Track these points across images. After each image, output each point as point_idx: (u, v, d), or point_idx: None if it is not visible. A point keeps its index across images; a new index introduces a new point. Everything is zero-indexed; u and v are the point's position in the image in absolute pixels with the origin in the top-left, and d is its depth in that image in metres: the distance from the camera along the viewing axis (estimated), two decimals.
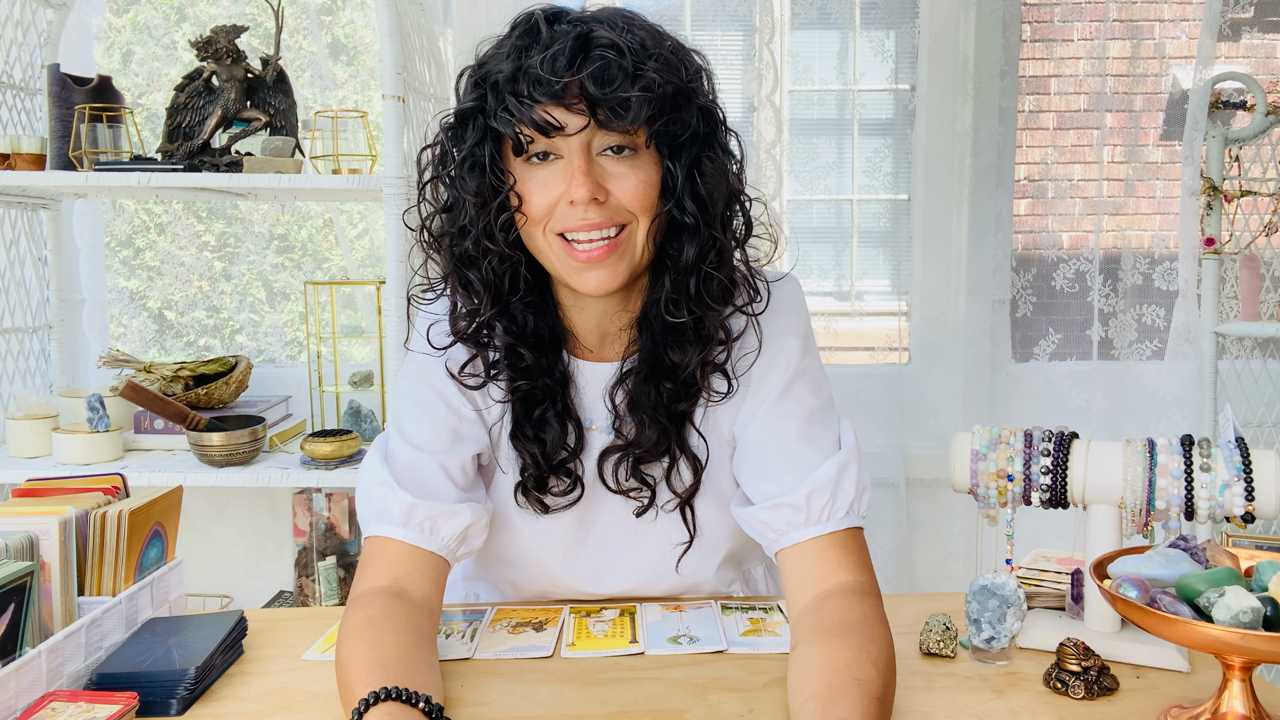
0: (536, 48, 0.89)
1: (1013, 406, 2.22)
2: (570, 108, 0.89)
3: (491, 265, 0.97)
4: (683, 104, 0.93)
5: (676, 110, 0.92)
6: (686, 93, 0.93)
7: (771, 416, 1.01)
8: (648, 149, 0.93)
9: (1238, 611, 0.75)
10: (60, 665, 0.87)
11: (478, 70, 0.94)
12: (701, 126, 0.95)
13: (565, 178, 0.91)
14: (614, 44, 0.88)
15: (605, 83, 0.87)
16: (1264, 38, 2.21)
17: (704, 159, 0.95)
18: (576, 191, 0.90)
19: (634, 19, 0.94)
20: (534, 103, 0.88)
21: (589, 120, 0.89)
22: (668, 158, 0.94)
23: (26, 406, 1.87)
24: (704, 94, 0.96)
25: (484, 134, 0.93)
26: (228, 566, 2.22)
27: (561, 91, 0.88)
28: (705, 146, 0.95)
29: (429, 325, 1.04)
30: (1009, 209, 2.19)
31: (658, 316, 0.99)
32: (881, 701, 0.79)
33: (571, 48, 0.88)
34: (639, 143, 0.92)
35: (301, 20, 2.21)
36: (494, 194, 0.93)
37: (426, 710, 0.78)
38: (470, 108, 0.93)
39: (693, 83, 0.94)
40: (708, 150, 0.95)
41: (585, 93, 0.88)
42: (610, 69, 0.87)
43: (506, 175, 0.93)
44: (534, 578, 1.13)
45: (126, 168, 1.70)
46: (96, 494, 1.02)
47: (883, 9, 2.12)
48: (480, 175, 0.93)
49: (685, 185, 0.94)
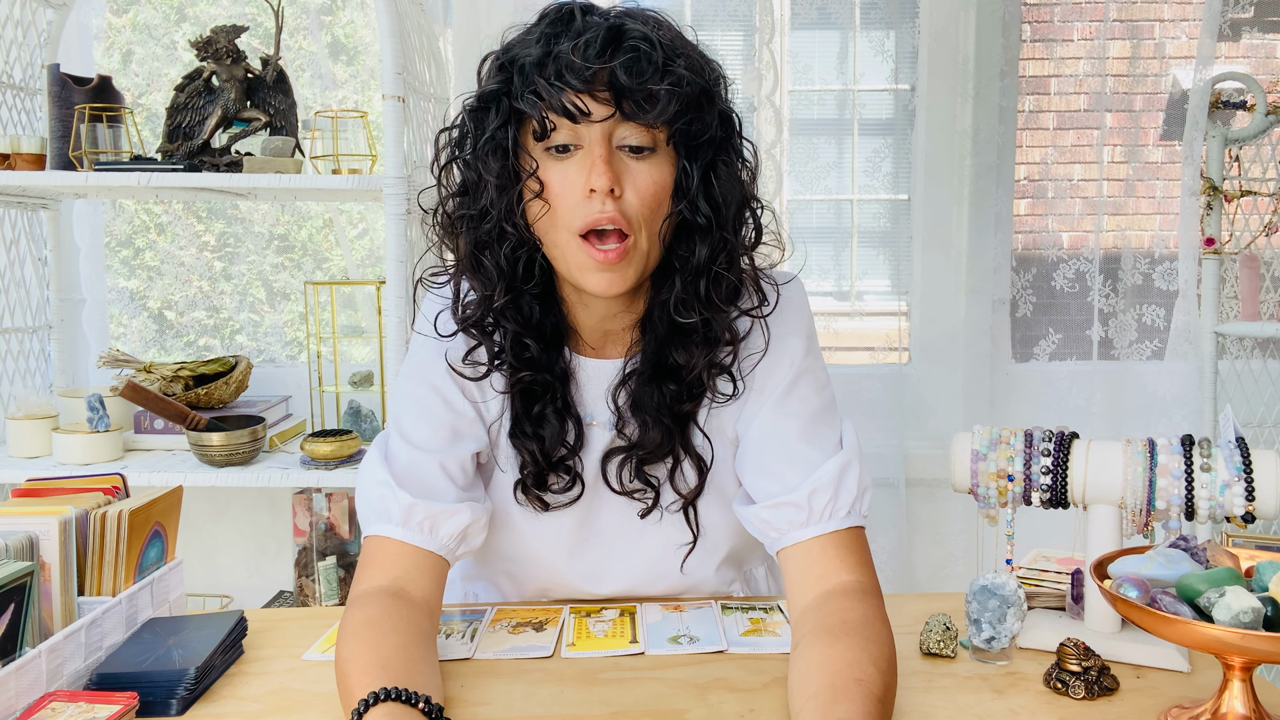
0: (568, 35, 0.90)
1: (1013, 406, 2.22)
2: (597, 96, 0.89)
3: (507, 251, 0.97)
4: (705, 105, 0.93)
5: (699, 110, 0.93)
6: (710, 94, 0.94)
7: (775, 415, 1.01)
8: (666, 147, 0.93)
9: (1238, 611, 0.75)
10: (60, 665, 0.87)
11: (504, 54, 0.94)
12: (720, 130, 0.95)
13: (585, 167, 0.91)
14: (646, 37, 0.89)
15: (636, 74, 0.88)
16: (1264, 38, 2.21)
17: (719, 162, 0.95)
18: (597, 180, 0.90)
19: (662, 19, 0.95)
20: (563, 87, 0.88)
21: (614, 110, 0.89)
22: (684, 157, 0.94)
23: (26, 406, 1.86)
24: (724, 99, 0.97)
25: (508, 117, 0.93)
26: (228, 566, 2.22)
27: (590, 79, 0.88)
28: (722, 150, 0.96)
29: (437, 311, 1.03)
30: (1009, 209, 2.19)
31: (663, 317, 0.99)
32: (882, 702, 0.79)
33: (604, 37, 0.89)
34: (659, 140, 0.92)
35: (301, 20, 2.21)
36: (515, 178, 0.94)
37: (426, 710, 0.78)
38: (494, 89, 0.93)
39: (715, 86, 0.95)
40: (724, 154, 0.96)
41: (614, 82, 0.88)
42: (641, 61, 0.88)
43: (527, 159, 0.94)
44: (534, 575, 1.13)
45: (126, 168, 1.70)
46: (96, 494, 1.02)
47: (883, 9, 2.12)
48: (503, 158, 0.93)
49: (700, 187, 0.94)
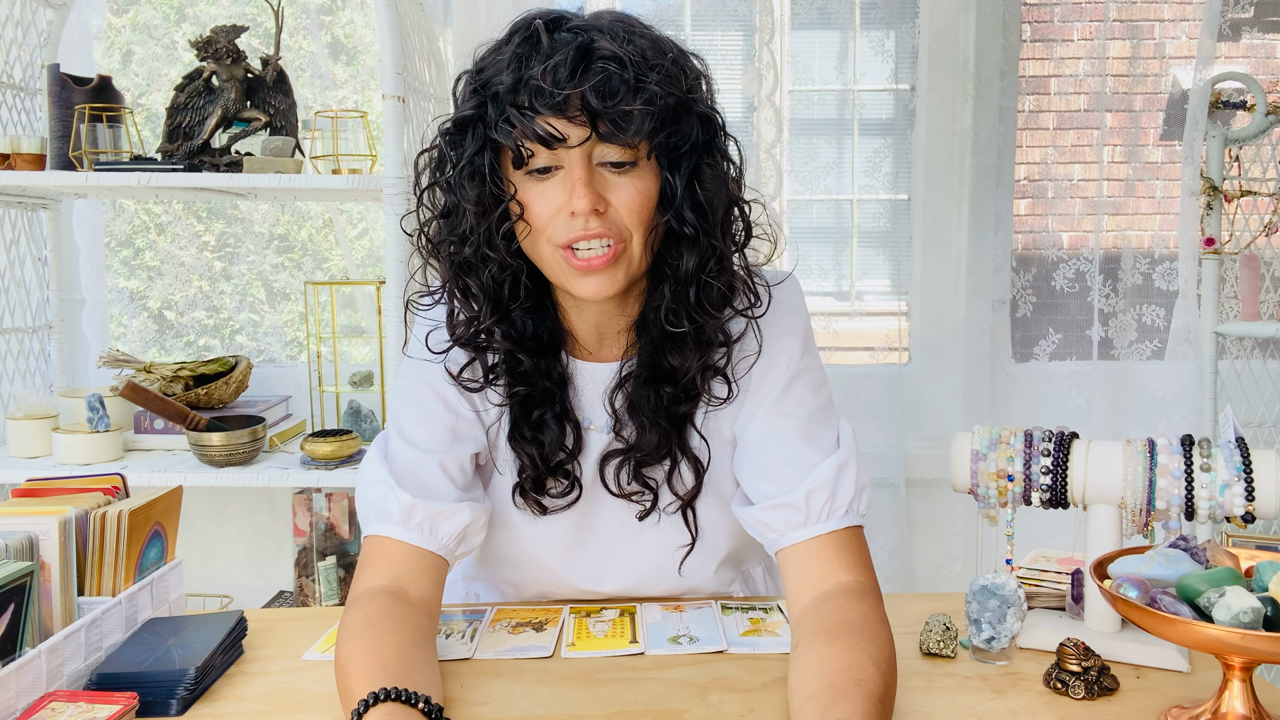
0: (537, 57, 0.88)
1: (1013, 406, 2.22)
2: (572, 119, 0.88)
3: (491, 273, 0.96)
4: (683, 116, 0.92)
5: (677, 122, 0.91)
6: (687, 104, 0.92)
7: (772, 416, 1.01)
8: (648, 160, 0.92)
9: (1238, 611, 0.75)
10: (60, 665, 0.87)
11: (476, 77, 0.92)
12: (701, 135, 0.94)
13: (566, 189, 0.90)
14: (615, 55, 0.87)
15: (607, 96, 0.86)
16: (1264, 38, 2.21)
17: (703, 167, 0.94)
18: (578, 203, 0.89)
19: (634, 27, 0.92)
20: (535, 114, 0.87)
21: (590, 133, 0.88)
22: (667, 169, 0.93)
23: (26, 406, 1.86)
24: (704, 101, 0.95)
25: (484, 143, 0.92)
26: (228, 566, 2.22)
27: (563, 103, 0.87)
28: (705, 154, 0.94)
29: (428, 332, 1.03)
30: (1009, 209, 2.19)
31: (656, 322, 0.99)
32: (882, 702, 0.79)
33: (573, 58, 0.86)
34: (639, 155, 0.91)
35: (301, 20, 2.21)
36: (495, 203, 0.93)
37: (426, 710, 0.78)
38: (469, 116, 0.92)
39: (693, 92, 0.93)
40: (707, 158, 0.95)
41: (587, 105, 0.87)
42: (612, 81, 0.86)
43: (506, 184, 0.92)
44: (534, 578, 1.13)
45: (126, 168, 1.70)
46: (96, 494, 1.02)
47: (883, 9, 2.12)
48: (480, 184, 0.92)
49: (685, 195, 0.93)
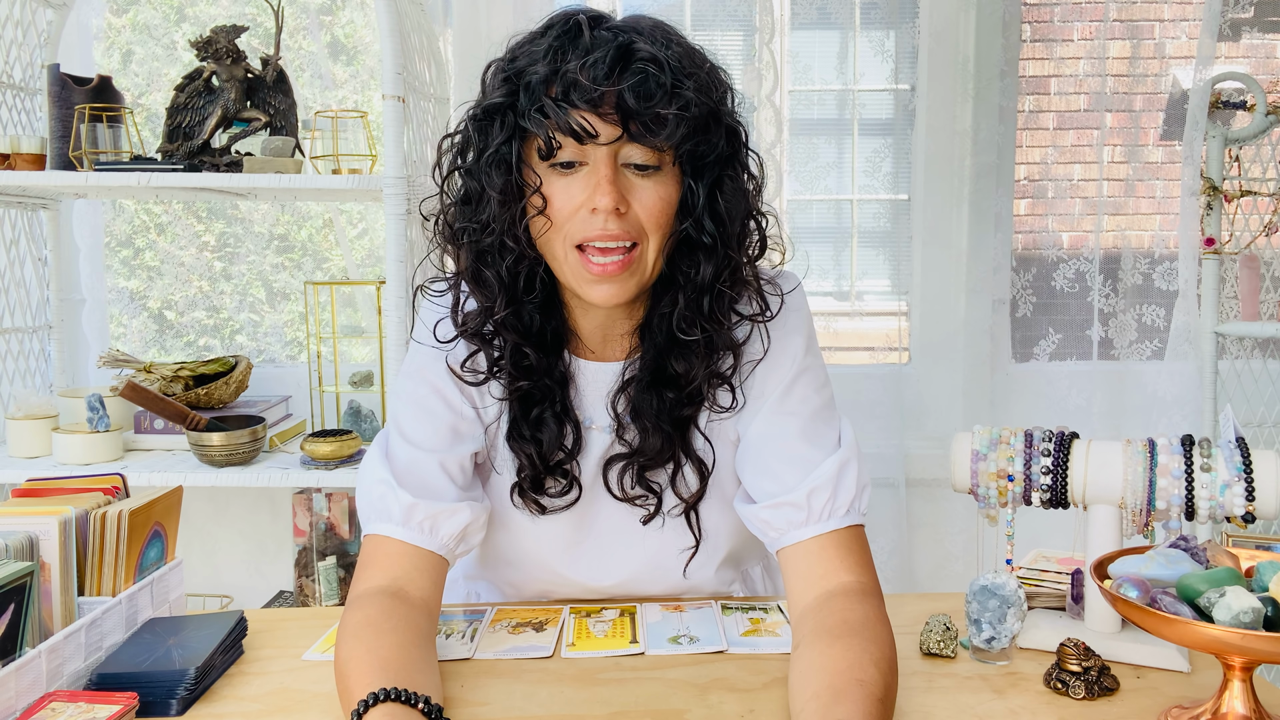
0: (575, 52, 0.88)
1: (1013, 406, 2.22)
2: (604, 117, 0.88)
3: (509, 263, 0.96)
4: (713, 126, 0.92)
5: (706, 131, 0.91)
6: (717, 114, 0.92)
7: (775, 415, 1.01)
8: (672, 166, 0.93)
9: (1238, 612, 0.75)
10: (60, 665, 0.87)
11: (509, 65, 0.92)
12: (726, 146, 0.94)
13: (589, 185, 0.90)
14: (655, 58, 0.87)
15: (644, 97, 0.87)
16: (1264, 38, 2.21)
17: (725, 178, 0.95)
18: (601, 200, 0.89)
19: (671, 34, 0.93)
20: (570, 107, 0.87)
21: (622, 132, 0.88)
22: (690, 176, 0.93)
23: (26, 406, 1.86)
24: (731, 114, 0.96)
25: (513, 132, 0.92)
26: (228, 566, 2.22)
27: (599, 100, 0.87)
28: (728, 165, 0.95)
29: (436, 320, 1.03)
30: (1009, 209, 2.19)
31: (662, 327, 0.99)
32: (883, 703, 0.79)
33: (613, 56, 0.87)
34: (664, 160, 0.91)
35: (301, 20, 2.21)
36: (519, 194, 0.93)
37: (426, 711, 0.78)
38: (500, 103, 0.92)
39: (722, 104, 0.94)
40: (730, 169, 0.95)
41: (622, 104, 0.87)
42: (649, 83, 0.87)
43: (530, 175, 0.92)
44: (534, 577, 1.13)
45: (126, 168, 1.70)
46: (96, 494, 1.02)
47: (883, 9, 2.12)
48: (506, 173, 0.92)
49: (705, 204, 0.93)
